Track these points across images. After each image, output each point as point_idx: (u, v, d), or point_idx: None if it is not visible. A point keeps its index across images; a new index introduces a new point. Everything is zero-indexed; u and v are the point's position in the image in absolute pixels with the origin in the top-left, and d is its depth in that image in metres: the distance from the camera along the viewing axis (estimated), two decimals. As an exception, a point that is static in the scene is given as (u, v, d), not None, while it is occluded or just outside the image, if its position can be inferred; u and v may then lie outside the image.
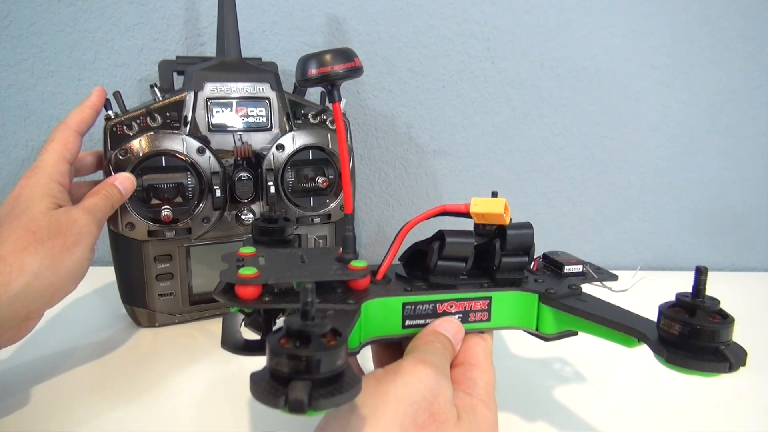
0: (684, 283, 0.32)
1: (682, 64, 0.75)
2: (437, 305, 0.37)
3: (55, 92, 0.69)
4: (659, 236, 0.81)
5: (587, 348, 0.54)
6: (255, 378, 0.24)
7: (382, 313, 0.36)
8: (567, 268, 0.40)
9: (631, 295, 0.39)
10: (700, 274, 0.31)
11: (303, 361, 0.23)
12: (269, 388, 0.24)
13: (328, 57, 0.34)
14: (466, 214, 0.36)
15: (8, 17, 0.66)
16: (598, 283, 0.40)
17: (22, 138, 0.70)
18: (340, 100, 0.36)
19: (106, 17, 0.67)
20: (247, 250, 0.39)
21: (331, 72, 0.34)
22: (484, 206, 0.36)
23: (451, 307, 0.37)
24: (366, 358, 0.42)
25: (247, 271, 0.33)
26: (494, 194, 0.44)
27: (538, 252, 0.42)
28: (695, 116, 0.77)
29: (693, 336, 0.30)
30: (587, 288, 0.39)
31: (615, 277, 0.40)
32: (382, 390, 0.29)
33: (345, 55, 0.35)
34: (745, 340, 0.32)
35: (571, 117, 0.77)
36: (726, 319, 0.30)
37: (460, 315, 0.37)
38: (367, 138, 0.76)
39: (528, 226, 0.38)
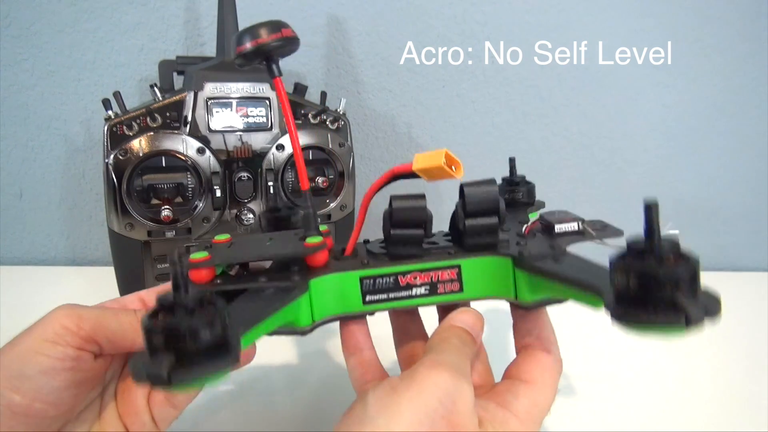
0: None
1: (682, 64, 0.75)
2: (399, 277, 0.34)
3: (55, 92, 0.69)
4: (659, 236, 0.81)
5: (583, 360, 0.54)
6: (134, 355, 0.24)
7: (337, 289, 0.34)
8: (558, 227, 0.36)
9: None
10: (649, 210, 0.24)
11: (160, 334, 0.22)
12: (141, 364, 0.22)
13: (259, 30, 0.34)
14: (413, 174, 0.33)
15: (8, 17, 0.66)
16: (599, 241, 0.35)
17: (22, 138, 0.70)
18: (280, 74, 0.35)
19: (106, 17, 0.67)
20: (222, 237, 0.38)
21: (264, 44, 0.33)
22: (424, 161, 0.32)
23: (416, 278, 0.34)
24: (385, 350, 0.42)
25: (198, 255, 0.33)
26: (512, 160, 0.43)
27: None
28: (695, 116, 0.77)
29: (644, 286, 0.23)
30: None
31: (620, 233, 0.35)
32: (396, 399, 0.28)
33: (274, 26, 0.34)
34: (745, 341, 0.32)
35: (571, 117, 0.76)
36: (685, 261, 0.24)
37: (427, 286, 0.34)
38: (367, 138, 0.76)
39: (490, 182, 0.34)
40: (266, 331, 0.29)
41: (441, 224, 0.37)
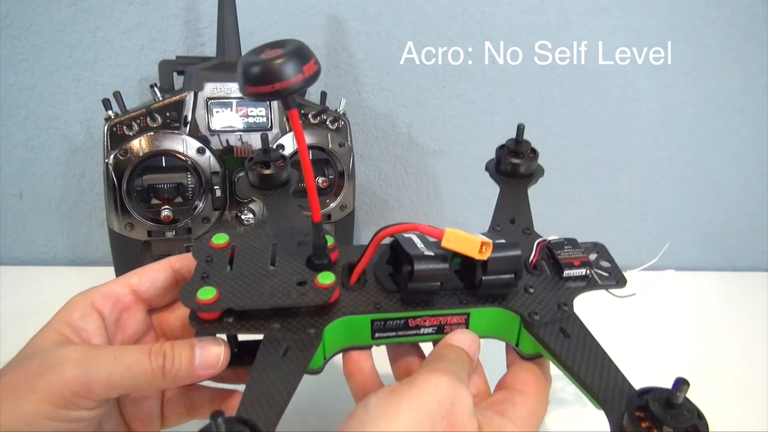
0: (683, 283, 0.31)
1: (682, 64, 0.74)
2: (409, 320, 0.35)
3: (55, 92, 0.69)
4: (659, 236, 0.81)
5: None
6: None
7: (348, 329, 0.35)
8: (567, 273, 0.37)
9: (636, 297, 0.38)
10: (680, 384, 0.28)
11: None
12: None
13: (277, 70, 0.28)
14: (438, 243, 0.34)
15: (8, 17, 0.66)
16: (605, 290, 0.37)
17: (22, 138, 0.70)
18: (295, 106, 0.31)
19: (106, 17, 0.67)
20: (220, 240, 0.37)
21: (284, 89, 0.28)
22: (456, 244, 0.32)
23: (425, 321, 0.35)
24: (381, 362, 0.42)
25: (206, 295, 0.32)
26: (520, 127, 0.44)
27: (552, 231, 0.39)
28: (695, 116, 0.77)
29: None
30: (590, 297, 0.36)
31: (623, 283, 0.37)
32: (396, 400, 0.29)
33: (296, 63, 0.28)
34: (745, 341, 0.32)
35: (571, 117, 0.76)
36: (699, 421, 0.28)
37: (435, 327, 0.36)
38: (367, 138, 0.76)
39: (514, 246, 0.34)
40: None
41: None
